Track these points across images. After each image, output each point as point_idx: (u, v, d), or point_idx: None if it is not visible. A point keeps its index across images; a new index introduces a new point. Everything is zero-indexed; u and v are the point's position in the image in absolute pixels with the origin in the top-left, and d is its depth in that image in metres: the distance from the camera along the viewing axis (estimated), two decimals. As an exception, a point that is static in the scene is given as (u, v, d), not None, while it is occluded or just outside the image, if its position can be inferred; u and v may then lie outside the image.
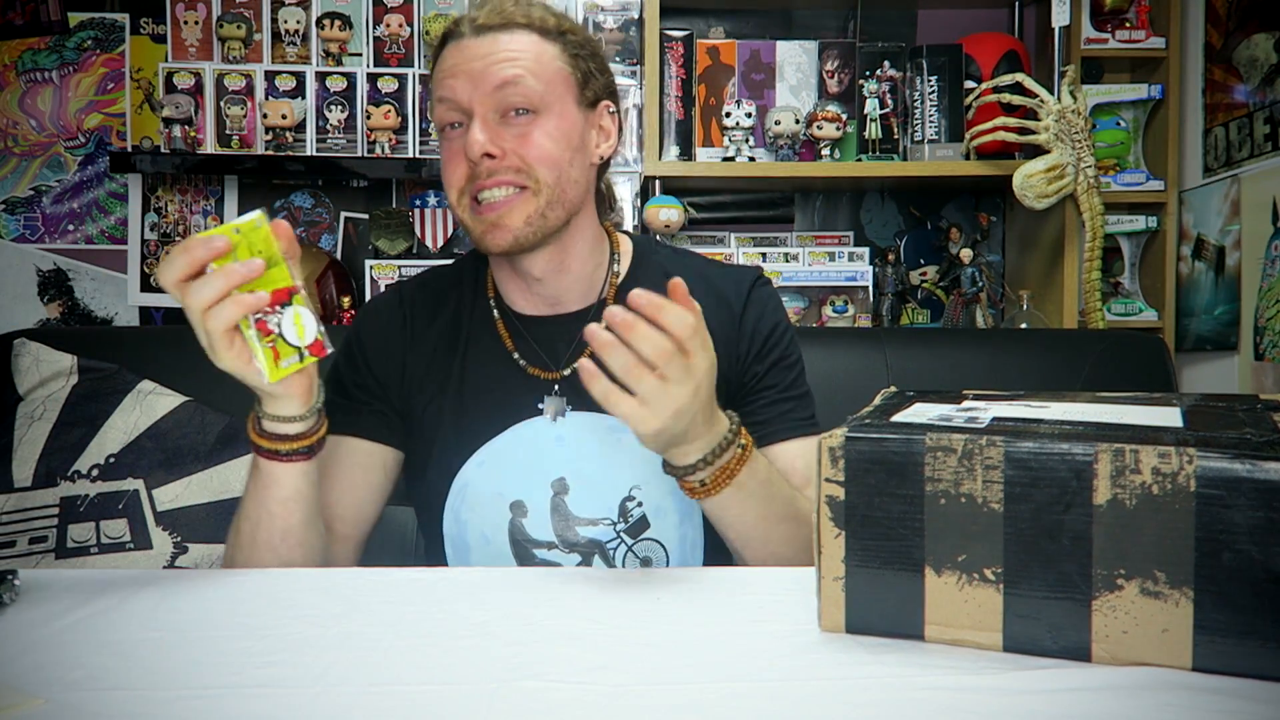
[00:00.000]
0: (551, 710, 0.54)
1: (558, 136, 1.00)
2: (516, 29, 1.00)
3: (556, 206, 1.00)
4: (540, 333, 1.07)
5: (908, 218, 2.38)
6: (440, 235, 2.22)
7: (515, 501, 1.03)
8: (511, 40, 0.99)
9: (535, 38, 1.00)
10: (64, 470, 1.44)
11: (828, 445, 0.63)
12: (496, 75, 0.97)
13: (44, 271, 2.26)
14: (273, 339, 0.80)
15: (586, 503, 1.03)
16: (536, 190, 0.98)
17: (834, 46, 2.17)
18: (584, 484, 1.03)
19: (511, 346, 1.07)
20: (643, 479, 1.03)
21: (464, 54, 0.99)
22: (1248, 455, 0.54)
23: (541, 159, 0.98)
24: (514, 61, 0.98)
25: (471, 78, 0.98)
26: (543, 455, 1.03)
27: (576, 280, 1.07)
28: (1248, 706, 0.52)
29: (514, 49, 0.99)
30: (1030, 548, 0.58)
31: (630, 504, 1.03)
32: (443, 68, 1.01)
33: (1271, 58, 1.85)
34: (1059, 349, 1.67)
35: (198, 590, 0.77)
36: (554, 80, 1.00)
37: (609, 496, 1.03)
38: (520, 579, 0.80)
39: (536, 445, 1.03)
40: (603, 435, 1.03)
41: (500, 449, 1.04)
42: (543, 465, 1.03)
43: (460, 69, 0.99)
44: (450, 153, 1.01)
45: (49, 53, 2.24)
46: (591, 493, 1.03)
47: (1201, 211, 2.06)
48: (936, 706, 0.53)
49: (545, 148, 0.98)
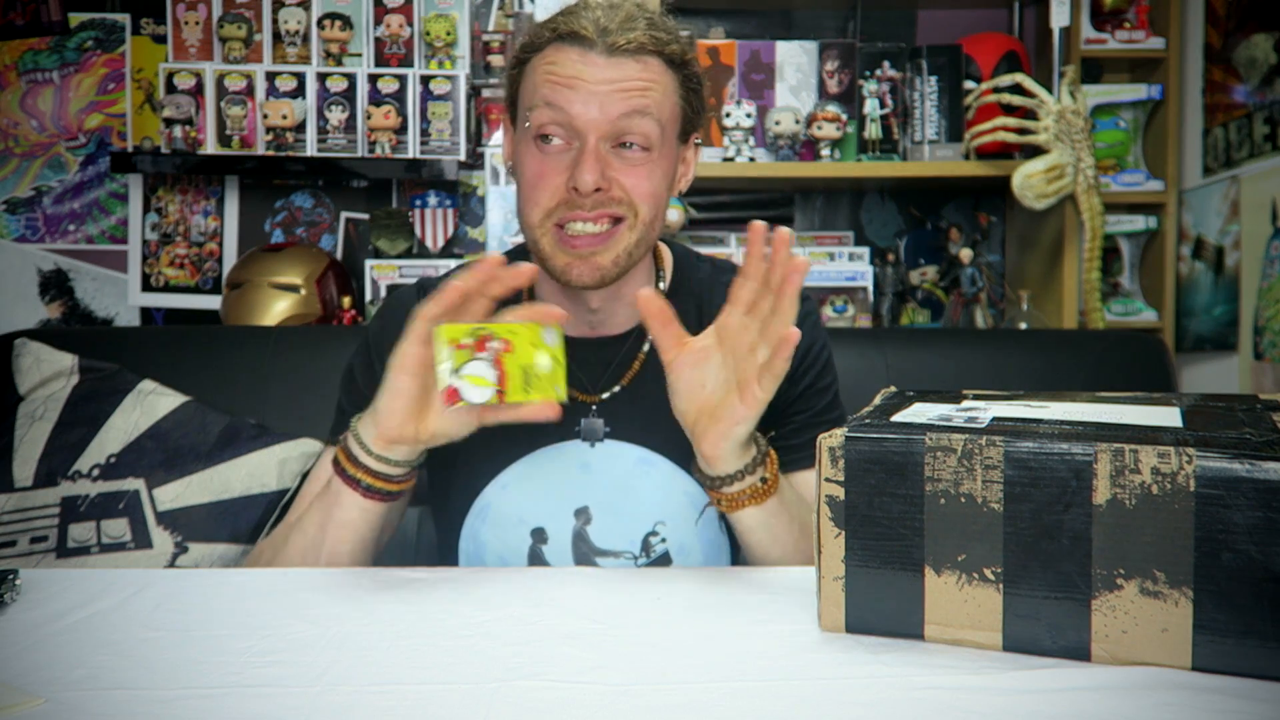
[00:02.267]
0: (551, 710, 0.54)
1: (662, 176, 0.95)
2: (648, 55, 0.93)
3: (643, 245, 0.96)
4: (580, 354, 1.02)
5: (908, 218, 2.38)
6: (440, 236, 2.22)
7: (537, 528, 1.00)
8: (642, 70, 0.92)
9: (662, 68, 0.94)
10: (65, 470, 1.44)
11: (828, 445, 0.63)
12: (622, 109, 0.91)
13: (45, 271, 2.26)
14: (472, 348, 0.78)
15: (609, 534, 1.00)
16: (633, 225, 0.94)
17: (834, 47, 2.17)
18: (608, 515, 1.00)
19: None
20: (668, 515, 1.01)
21: (589, 70, 0.91)
22: (1247, 455, 0.54)
23: (645, 196, 0.93)
24: (644, 95, 0.92)
25: (597, 102, 0.91)
26: (568, 482, 1.00)
27: (626, 305, 1.03)
28: (1247, 706, 0.52)
29: (645, 81, 0.92)
30: (1030, 547, 0.58)
31: (654, 539, 1.01)
32: (558, 71, 0.92)
33: (1271, 58, 1.85)
34: (1059, 349, 1.67)
35: (198, 590, 0.77)
36: (670, 117, 0.95)
37: (632, 529, 1.00)
38: (520, 579, 0.80)
39: (562, 471, 1.01)
40: (631, 466, 1.01)
41: (525, 472, 1.01)
42: (567, 492, 1.00)
43: (581, 85, 0.91)
44: (543, 169, 0.93)
45: (50, 53, 2.25)
46: (615, 524, 1.00)
47: (1201, 211, 2.06)
48: (936, 706, 0.53)
49: (652, 186, 0.94)
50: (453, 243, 2.25)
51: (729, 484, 0.86)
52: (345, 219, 2.28)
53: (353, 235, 2.28)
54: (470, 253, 2.26)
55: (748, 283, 0.80)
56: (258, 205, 2.27)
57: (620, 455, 1.01)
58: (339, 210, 2.28)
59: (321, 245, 2.26)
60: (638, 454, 1.01)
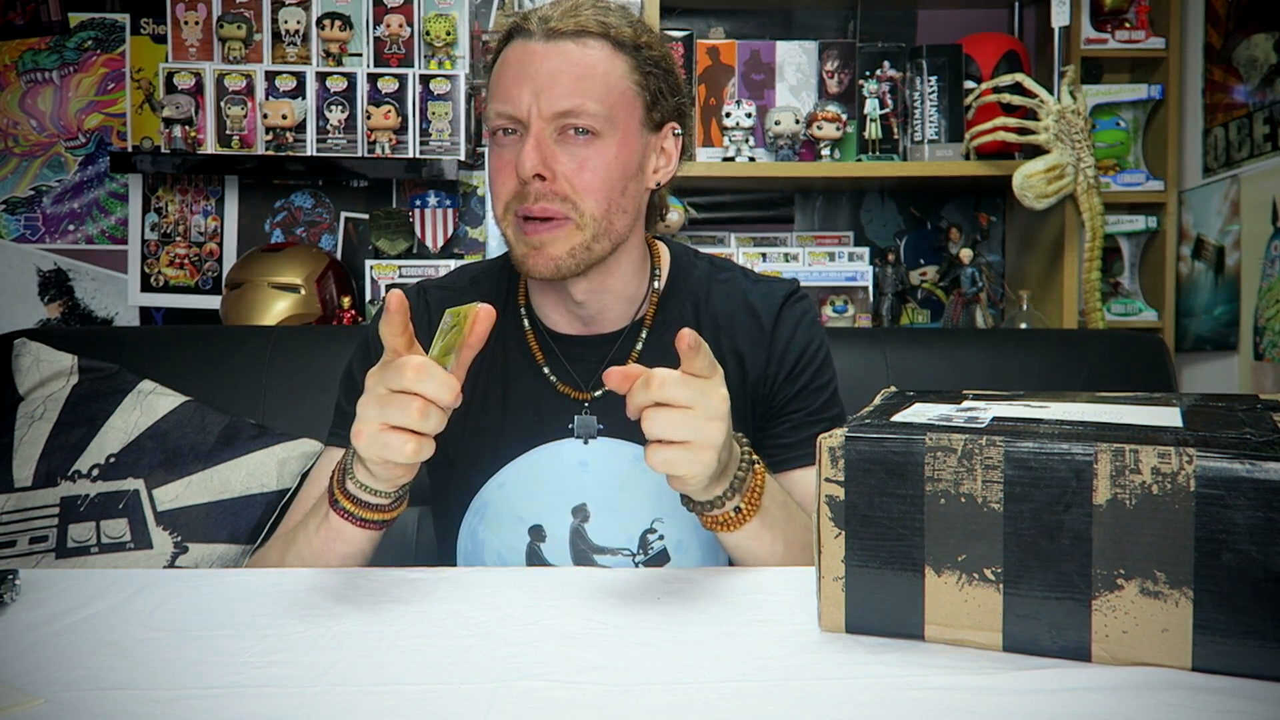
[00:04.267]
0: (551, 710, 0.54)
1: (614, 163, 0.94)
2: (590, 37, 0.93)
3: (602, 239, 0.95)
4: (573, 352, 1.03)
5: (908, 218, 2.38)
6: (440, 235, 2.22)
7: (535, 526, 1.00)
8: (583, 52, 0.93)
9: (609, 50, 0.94)
10: (64, 470, 1.44)
11: (828, 445, 0.63)
12: (560, 92, 0.91)
13: (44, 271, 2.26)
14: None
15: (607, 532, 1.00)
16: (580, 224, 0.94)
17: (834, 46, 2.17)
18: (606, 512, 1.00)
19: (542, 360, 1.03)
20: (666, 511, 1.01)
21: (529, 59, 0.92)
22: (1247, 455, 0.54)
23: (592, 189, 0.93)
24: (581, 79, 0.92)
25: (534, 88, 0.91)
26: (565, 481, 1.00)
27: (617, 300, 1.03)
28: (1248, 706, 0.52)
29: (584, 63, 0.92)
30: (1030, 547, 0.58)
31: (651, 536, 1.01)
32: (504, 69, 0.95)
33: (1271, 58, 1.85)
34: (1059, 349, 1.67)
35: (198, 590, 0.77)
36: (620, 100, 0.94)
37: (630, 527, 1.00)
38: (520, 579, 0.80)
39: (560, 470, 1.01)
40: (628, 464, 1.01)
41: (522, 471, 1.01)
42: (565, 491, 1.00)
43: (523, 76, 0.92)
44: (500, 161, 0.95)
45: (49, 53, 2.25)
46: (613, 522, 1.00)
47: (1201, 211, 2.06)
48: (936, 706, 0.53)
49: (599, 176, 0.93)
50: (453, 242, 2.25)
51: (701, 509, 0.84)
52: (345, 219, 2.28)
53: (353, 235, 2.28)
54: (470, 253, 2.26)
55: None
56: (257, 205, 2.27)
57: (617, 453, 1.01)
58: (339, 210, 2.28)
59: (321, 245, 2.26)
60: (634, 451, 1.01)
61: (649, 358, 1.03)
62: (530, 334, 1.05)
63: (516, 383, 1.03)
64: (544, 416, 1.02)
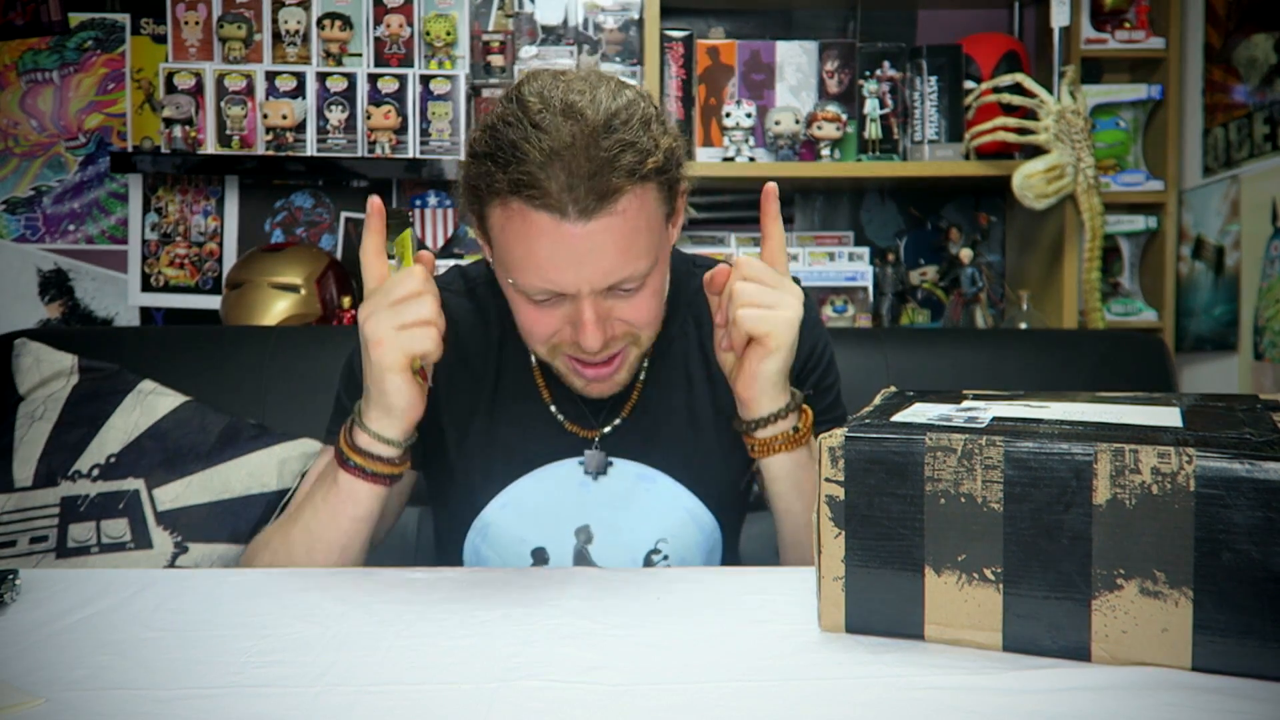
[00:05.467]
0: (551, 710, 0.54)
1: (660, 288, 0.92)
2: (622, 196, 0.82)
3: (653, 339, 0.97)
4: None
5: (908, 218, 2.38)
6: (440, 235, 2.23)
7: (537, 549, 1.00)
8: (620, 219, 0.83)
9: (638, 197, 0.84)
10: (64, 470, 1.44)
11: (828, 445, 0.63)
12: (609, 266, 0.84)
13: (45, 271, 2.26)
14: None
15: (610, 553, 1.00)
16: (639, 344, 0.94)
17: (834, 47, 2.17)
18: (609, 533, 1.00)
19: (549, 397, 1.02)
20: (669, 532, 1.00)
21: (567, 241, 0.82)
22: (1247, 455, 0.54)
23: (648, 322, 0.92)
24: (631, 242, 0.84)
25: (576, 268, 0.84)
26: (568, 502, 1.00)
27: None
28: (1248, 706, 0.52)
29: (626, 228, 0.84)
30: (1030, 548, 0.58)
31: (656, 556, 1.00)
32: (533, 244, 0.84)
33: (1271, 58, 1.85)
34: (1059, 349, 1.67)
35: (198, 590, 0.77)
36: (658, 231, 0.88)
37: (634, 548, 1.00)
38: (520, 579, 0.81)
39: (563, 491, 1.00)
40: (631, 483, 1.00)
41: (525, 493, 1.00)
42: (568, 512, 1.00)
43: (563, 259, 0.83)
44: (538, 318, 0.90)
45: (50, 53, 2.25)
46: (617, 542, 1.00)
47: (1201, 211, 2.06)
48: (936, 706, 0.53)
49: (653, 308, 0.92)
50: (453, 242, 2.25)
51: (762, 427, 0.90)
52: (345, 219, 2.28)
53: (353, 235, 2.28)
54: (470, 252, 2.26)
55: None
56: (258, 205, 2.27)
57: (621, 473, 1.01)
58: (339, 210, 2.28)
59: (321, 245, 2.26)
60: (638, 471, 1.00)
61: (654, 380, 1.03)
62: (537, 370, 1.02)
63: (524, 419, 1.02)
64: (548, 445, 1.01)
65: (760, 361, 0.88)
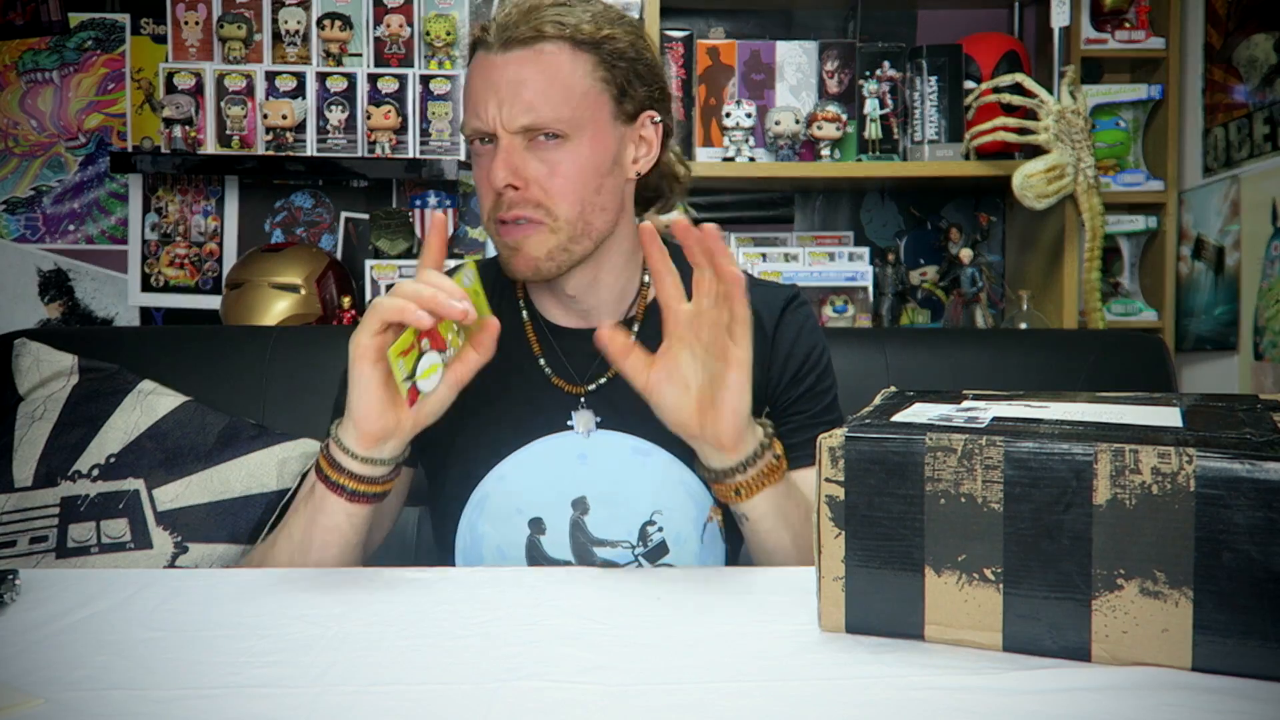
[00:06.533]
0: (551, 710, 0.54)
1: (586, 164, 0.95)
2: (546, 41, 0.93)
3: (581, 239, 0.97)
4: (570, 345, 1.04)
5: (908, 218, 2.38)
6: (440, 235, 2.22)
7: (534, 519, 1.01)
8: (540, 58, 0.93)
9: (568, 52, 0.94)
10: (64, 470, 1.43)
11: (828, 445, 0.63)
12: (521, 104, 0.92)
13: (44, 271, 2.26)
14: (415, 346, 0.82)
15: (606, 524, 1.00)
16: (554, 228, 0.95)
17: (834, 46, 2.17)
18: (605, 504, 1.00)
19: (539, 351, 1.04)
20: (665, 504, 1.01)
21: (490, 71, 0.94)
22: (1248, 455, 0.54)
23: (564, 193, 0.94)
24: (541, 88, 0.92)
25: (497, 101, 0.93)
26: (565, 473, 1.01)
27: (610, 292, 1.04)
28: (1248, 706, 0.52)
29: (542, 70, 0.93)
30: (1030, 548, 0.58)
31: (651, 528, 1.01)
32: (470, 80, 0.97)
33: (1271, 58, 1.85)
34: (1059, 349, 1.67)
35: (198, 590, 0.77)
36: (584, 100, 0.94)
37: (630, 519, 1.01)
38: (520, 579, 0.80)
39: (559, 462, 1.01)
40: (627, 456, 1.01)
41: (522, 464, 1.01)
42: (564, 483, 1.01)
43: (486, 89, 0.94)
44: (480, 172, 0.97)
45: (49, 53, 2.25)
46: (612, 514, 1.00)
47: (1201, 211, 2.06)
48: (936, 706, 0.53)
49: (570, 179, 0.94)
50: (453, 242, 2.25)
51: (747, 468, 0.87)
52: (345, 219, 2.28)
53: (353, 235, 2.28)
54: (470, 252, 2.26)
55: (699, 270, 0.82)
56: (258, 205, 2.27)
57: (616, 445, 1.01)
58: (339, 210, 2.28)
59: (321, 245, 2.26)
60: (633, 444, 1.01)
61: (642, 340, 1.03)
62: (529, 325, 1.06)
63: (513, 376, 1.04)
64: (541, 409, 1.03)
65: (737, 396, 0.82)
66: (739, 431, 0.84)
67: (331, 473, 0.87)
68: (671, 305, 0.84)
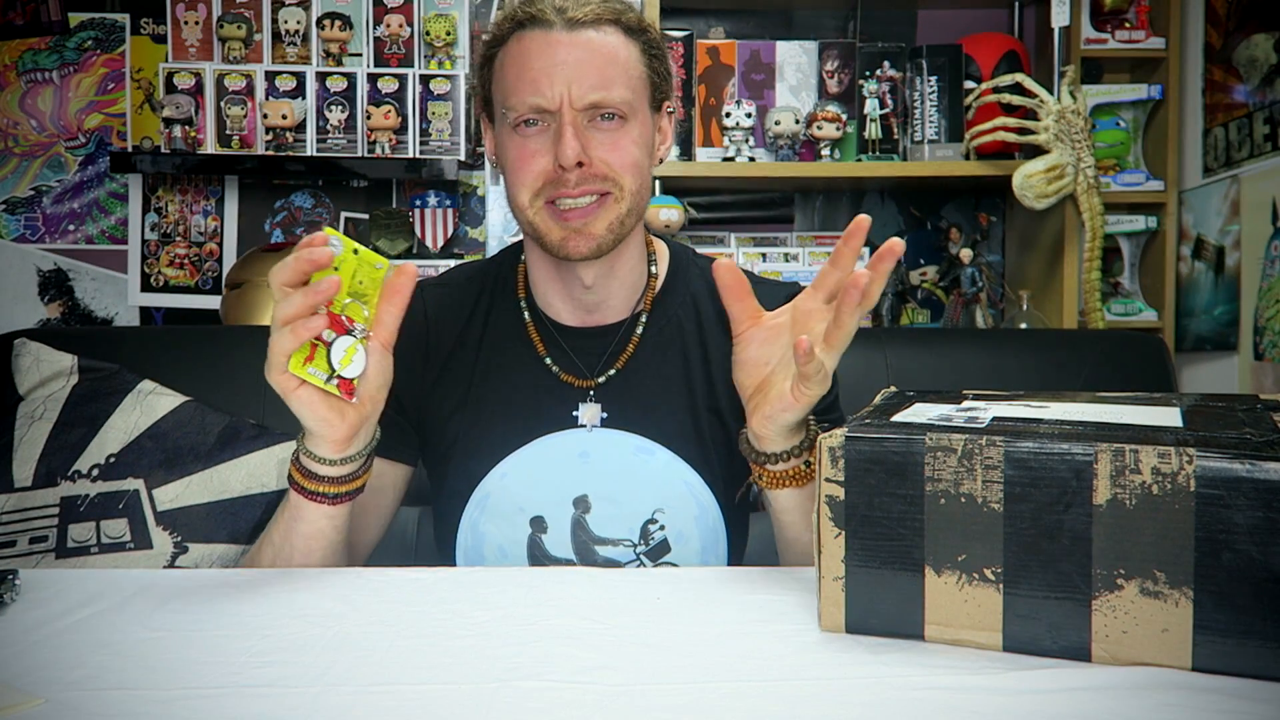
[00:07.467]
0: (551, 710, 0.54)
1: (640, 144, 0.97)
2: (606, 25, 0.95)
3: (634, 214, 0.98)
4: (575, 342, 1.04)
5: (908, 218, 2.38)
6: (440, 235, 2.22)
7: (536, 517, 1.01)
8: (604, 40, 0.95)
9: (622, 37, 0.96)
10: (64, 470, 1.43)
11: (828, 445, 0.63)
12: (591, 81, 0.93)
13: (44, 271, 2.26)
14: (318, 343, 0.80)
15: (608, 522, 1.01)
16: (620, 198, 0.96)
17: (834, 46, 2.17)
18: (607, 503, 1.01)
19: (543, 350, 1.04)
20: (667, 502, 1.01)
21: (552, 49, 0.93)
22: (1248, 455, 0.54)
23: (627, 166, 0.96)
24: (608, 66, 0.94)
25: (564, 78, 0.93)
26: (567, 471, 1.01)
27: (621, 286, 1.05)
28: (1248, 706, 0.52)
29: (607, 51, 0.95)
30: (1030, 548, 0.58)
31: (652, 526, 1.01)
32: (524, 59, 0.94)
33: (1271, 58, 1.85)
34: (1059, 349, 1.67)
35: (198, 590, 0.77)
36: (639, 84, 0.97)
37: (631, 518, 1.01)
38: (520, 579, 0.80)
39: (561, 460, 1.01)
40: (629, 455, 1.01)
41: (524, 462, 1.02)
42: (566, 481, 1.01)
43: (551, 66, 0.93)
44: (526, 151, 0.95)
45: (49, 53, 2.25)
46: (614, 512, 1.01)
47: (1201, 211, 2.06)
48: (936, 706, 0.53)
49: (632, 155, 0.96)
50: (453, 242, 2.25)
51: (773, 462, 0.87)
52: (345, 219, 2.28)
53: (353, 235, 2.28)
54: (470, 252, 2.26)
55: (834, 271, 0.82)
56: (257, 205, 2.27)
57: (618, 443, 1.02)
58: (339, 210, 2.28)
59: (321, 245, 2.26)
60: (636, 442, 1.01)
61: (649, 343, 1.05)
62: (531, 325, 1.06)
63: (517, 373, 1.04)
64: (546, 406, 1.03)
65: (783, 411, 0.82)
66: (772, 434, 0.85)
67: (309, 483, 0.87)
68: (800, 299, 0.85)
